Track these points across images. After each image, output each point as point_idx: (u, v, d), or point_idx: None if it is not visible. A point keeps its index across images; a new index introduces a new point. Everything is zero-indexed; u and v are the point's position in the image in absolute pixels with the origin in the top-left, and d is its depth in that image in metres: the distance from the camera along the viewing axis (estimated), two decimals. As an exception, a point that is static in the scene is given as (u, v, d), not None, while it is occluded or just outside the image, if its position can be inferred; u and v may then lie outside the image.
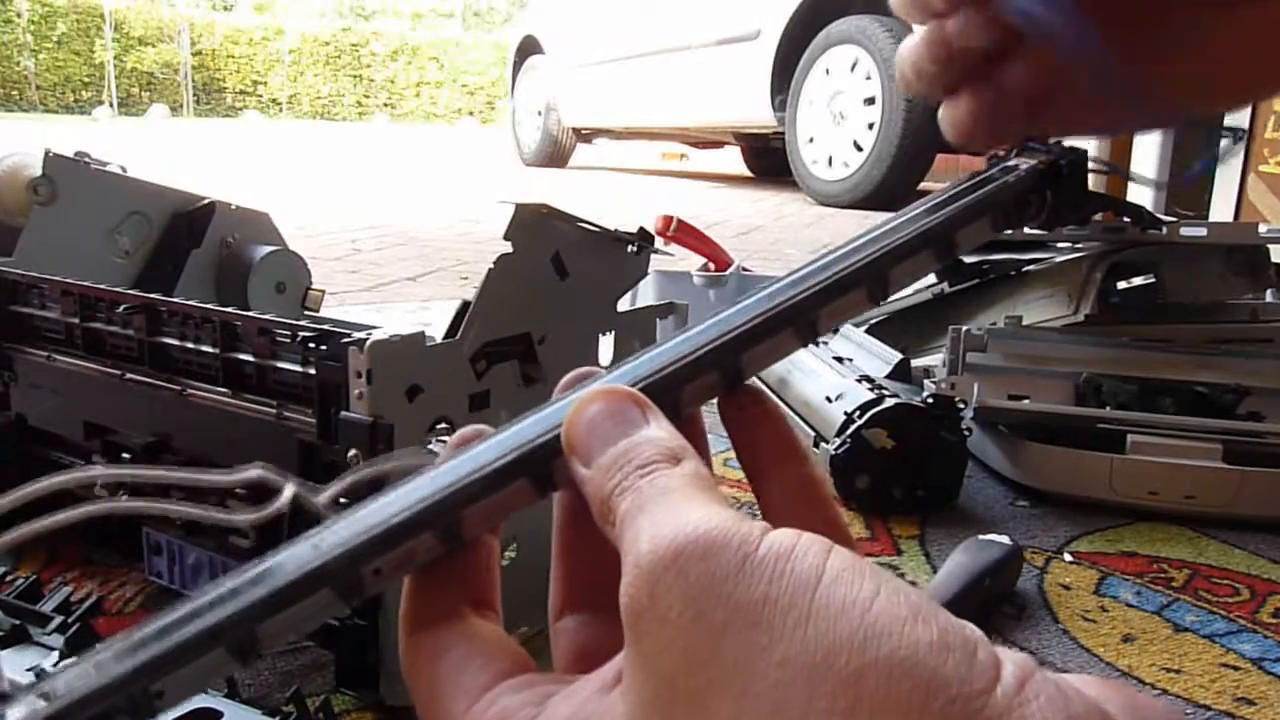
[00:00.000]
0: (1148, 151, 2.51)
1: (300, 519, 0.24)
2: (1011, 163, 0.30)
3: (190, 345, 0.62)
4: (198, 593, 0.21)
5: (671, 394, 0.23)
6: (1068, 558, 0.85)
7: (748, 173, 6.22)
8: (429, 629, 0.22)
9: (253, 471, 0.25)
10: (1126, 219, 1.11)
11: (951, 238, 0.27)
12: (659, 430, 0.21)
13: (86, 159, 0.86)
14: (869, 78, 3.73)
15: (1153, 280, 1.18)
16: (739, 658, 0.17)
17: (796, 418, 1.02)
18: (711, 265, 1.58)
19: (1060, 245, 1.19)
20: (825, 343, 1.14)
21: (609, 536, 0.20)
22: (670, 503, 0.19)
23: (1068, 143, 0.31)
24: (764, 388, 0.26)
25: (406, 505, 0.22)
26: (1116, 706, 0.16)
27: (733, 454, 0.26)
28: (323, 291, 1.00)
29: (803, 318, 0.25)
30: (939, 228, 0.27)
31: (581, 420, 0.21)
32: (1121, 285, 1.20)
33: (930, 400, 0.94)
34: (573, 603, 0.25)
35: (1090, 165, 0.30)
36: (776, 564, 0.17)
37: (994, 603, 0.75)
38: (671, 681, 0.17)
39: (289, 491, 0.24)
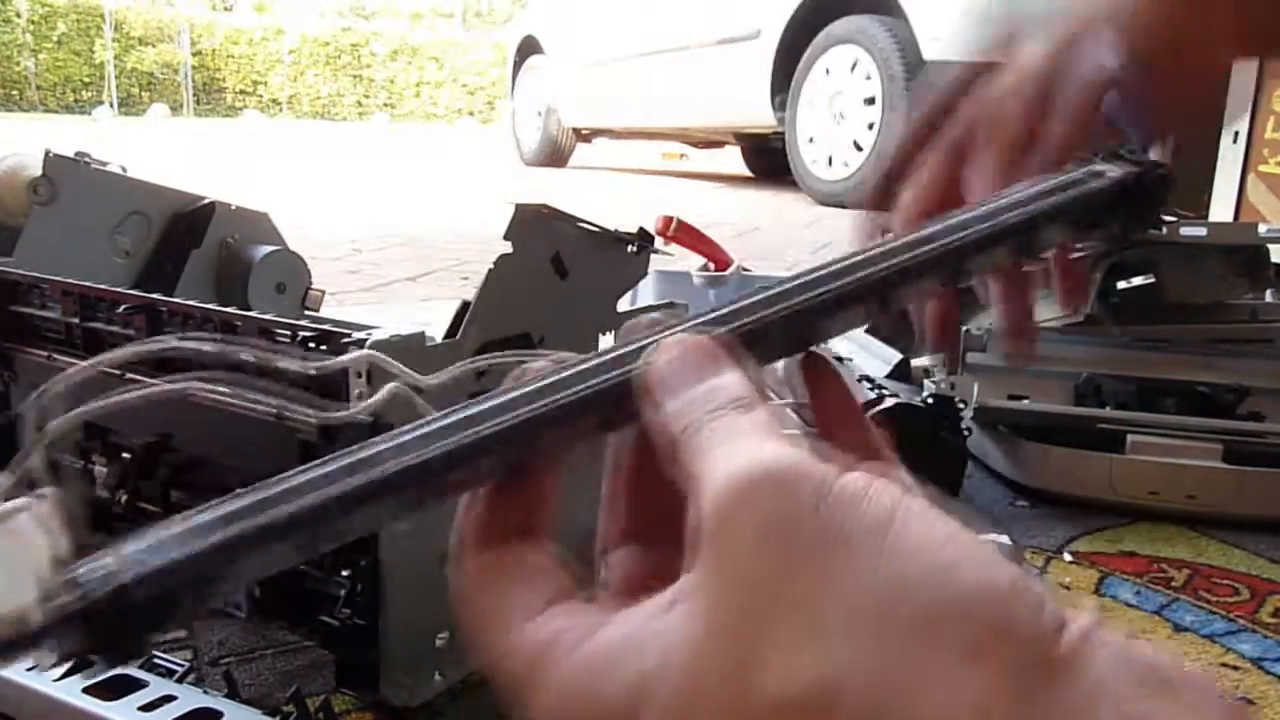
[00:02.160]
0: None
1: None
2: (1098, 168, 0.28)
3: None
4: (276, 481, 0.22)
5: (749, 349, 0.24)
6: (1067, 558, 0.85)
7: (748, 173, 6.21)
8: (483, 551, 0.23)
9: (358, 355, 0.26)
10: (1126, 219, 1.11)
11: (1033, 236, 0.26)
12: (734, 378, 0.21)
13: (86, 159, 0.86)
14: (869, 78, 3.73)
15: (1153, 280, 1.17)
16: (809, 589, 0.17)
17: (796, 418, 1.02)
18: (711, 265, 1.58)
19: (1060, 245, 1.19)
20: (825, 342, 1.13)
21: (674, 475, 0.20)
22: (744, 440, 0.19)
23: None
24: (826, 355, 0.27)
25: (478, 428, 0.22)
26: (1169, 665, 0.17)
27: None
28: (323, 291, 1.00)
29: (875, 294, 0.25)
30: (1021, 224, 0.26)
31: (660, 363, 0.22)
32: (1121, 285, 1.20)
33: (930, 400, 0.94)
34: (622, 536, 0.26)
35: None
36: (852, 501, 0.18)
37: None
38: (739, 606, 0.17)
39: (391, 385, 0.26)
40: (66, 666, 0.52)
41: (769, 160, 5.53)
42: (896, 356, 1.08)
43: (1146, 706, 0.15)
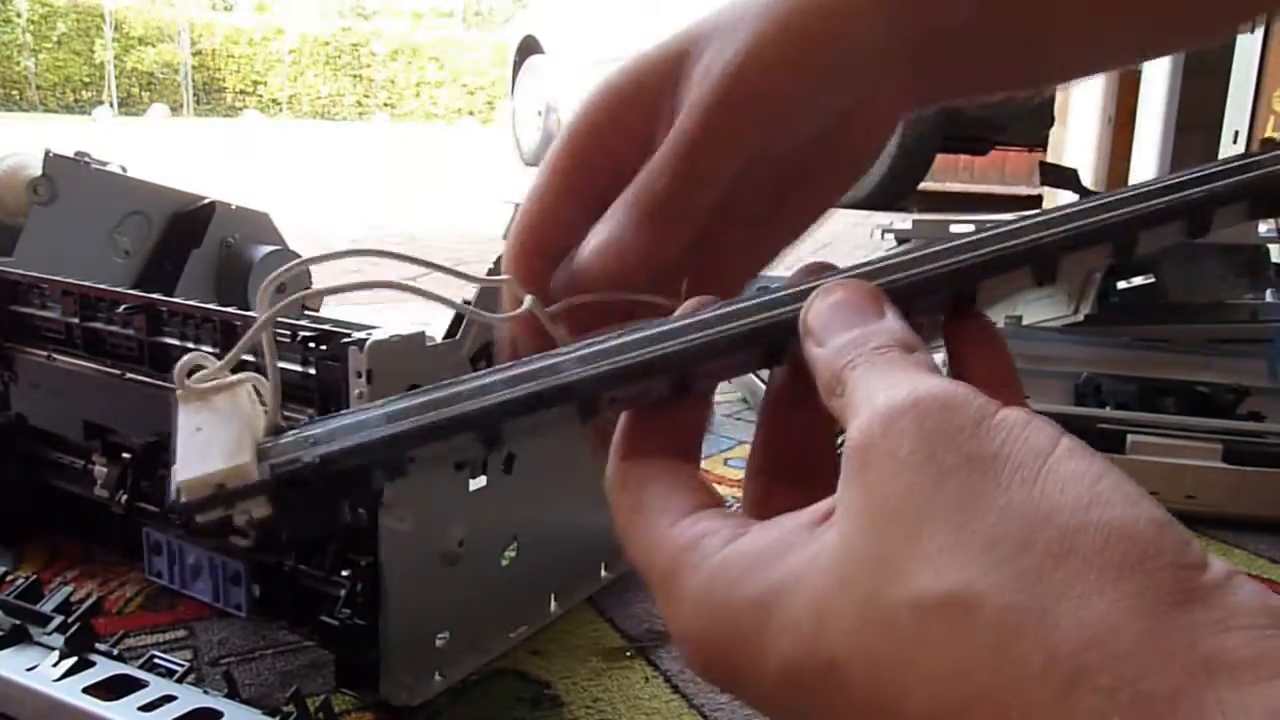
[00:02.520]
0: (1146, 157, 2.51)
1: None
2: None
3: (190, 345, 0.62)
4: (461, 380, 0.24)
5: (907, 302, 0.24)
6: (1068, 558, 0.85)
7: (748, 173, 6.20)
8: (641, 459, 0.24)
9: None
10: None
11: (1209, 215, 0.26)
12: (896, 322, 0.22)
13: (86, 159, 0.86)
14: (869, 78, 3.73)
15: (1153, 280, 1.17)
16: (962, 499, 0.18)
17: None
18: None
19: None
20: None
21: (831, 408, 0.21)
22: (906, 372, 0.20)
23: None
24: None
25: (651, 348, 0.24)
26: None
27: (733, 453, 0.27)
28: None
29: (1043, 259, 0.25)
30: (1199, 201, 0.26)
31: (823, 304, 0.23)
32: (1121, 285, 1.20)
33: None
34: (766, 469, 0.27)
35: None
36: (1012, 429, 0.18)
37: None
38: (891, 512, 0.18)
39: (529, 301, 0.28)
40: (67, 666, 0.52)
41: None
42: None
43: None
